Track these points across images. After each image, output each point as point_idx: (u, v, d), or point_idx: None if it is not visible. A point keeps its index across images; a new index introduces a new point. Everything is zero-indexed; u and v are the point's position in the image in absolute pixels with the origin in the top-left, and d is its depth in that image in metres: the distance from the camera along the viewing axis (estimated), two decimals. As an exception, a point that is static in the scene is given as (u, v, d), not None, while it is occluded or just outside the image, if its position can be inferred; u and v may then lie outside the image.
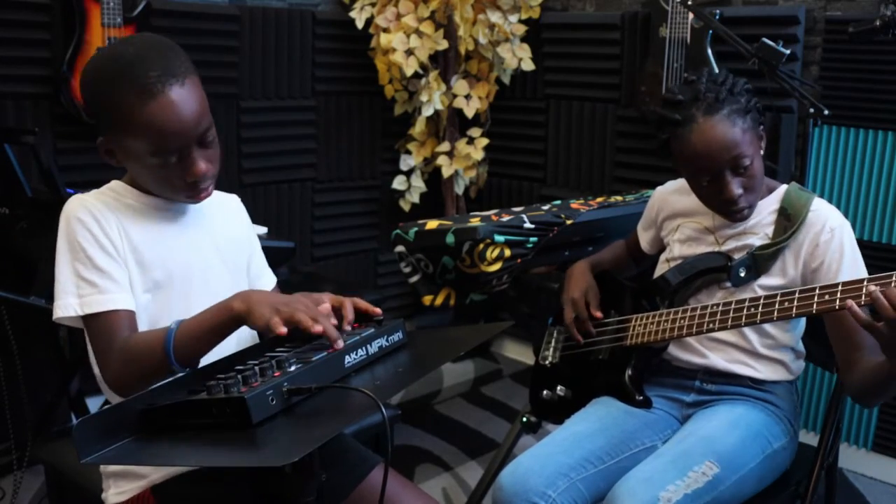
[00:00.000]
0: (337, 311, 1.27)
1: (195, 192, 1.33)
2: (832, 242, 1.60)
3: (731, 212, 1.64)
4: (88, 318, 1.26)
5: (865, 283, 1.35)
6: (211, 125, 1.31)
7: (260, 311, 1.17)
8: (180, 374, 1.18)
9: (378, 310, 1.30)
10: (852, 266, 1.59)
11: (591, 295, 1.86)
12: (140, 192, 1.36)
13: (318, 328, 1.15)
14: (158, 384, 1.16)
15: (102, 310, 1.25)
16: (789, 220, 1.64)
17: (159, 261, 1.33)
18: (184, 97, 1.25)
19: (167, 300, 1.34)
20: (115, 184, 1.38)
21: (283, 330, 1.14)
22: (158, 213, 1.37)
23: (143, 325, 1.32)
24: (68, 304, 1.26)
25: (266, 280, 1.55)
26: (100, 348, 1.26)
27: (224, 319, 1.20)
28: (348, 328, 1.26)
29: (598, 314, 1.83)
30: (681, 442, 1.60)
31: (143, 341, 1.24)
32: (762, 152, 1.64)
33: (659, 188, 1.91)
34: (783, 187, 1.71)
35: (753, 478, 1.58)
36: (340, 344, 1.18)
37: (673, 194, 1.85)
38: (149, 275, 1.32)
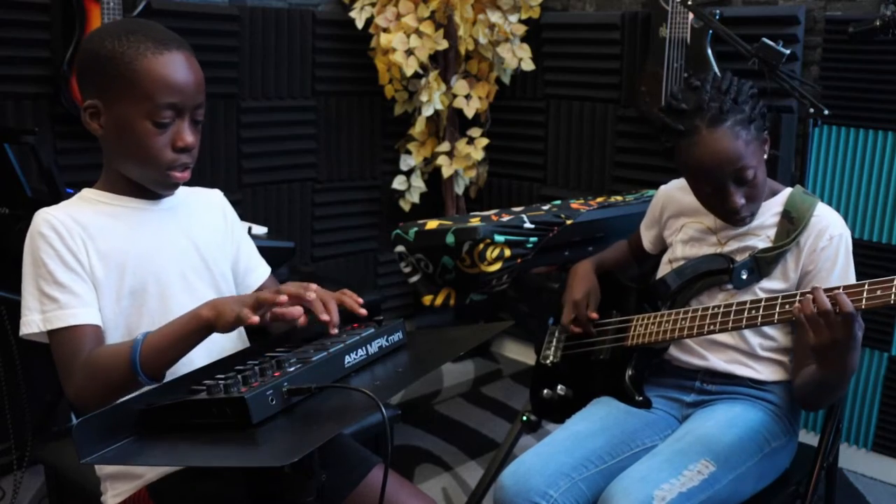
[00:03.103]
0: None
1: (176, 168, 1.31)
2: (828, 250, 1.61)
3: (733, 220, 1.65)
4: (52, 334, 1.25)
5: (866, 286, 1.36)
6: (204, 105, 1.33)
7: (229, 309, 1.16)
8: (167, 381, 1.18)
9: (363, 311, 1.28)
10: (842, 277, 1.60)
11: (593, 297, 1.87)
12: (113, 194, 1.35)
13: (282, 298, 1.15)
14: (157, 385, 1.16)
15: (64, 325, 1.24)
16: (792, 224, 1.64)
17: (133, 266, 1.31)
18: (192, 62, 1.31)
19: (145, 306, 1.32)
20: (85, 191, 1.36)
21: (255, 318, 1.13)
22: (133, 215, 1.35)
23: (120, 333, 1.30)
24: (32, 320, 1.25)
25: (259, 273, 1.53)
26: (63, 363, 1.24)
27: (193, 328, 1.19)
28: (335, 331, 1.25)
29: (594, 315, 1.84)
30: (678, 441, 1.61)
31: (108, 354, 1.23)
32: (766, 156, 1.64)
33: (663, 187, 1.91)
34: (787, 190, 1.71)
35: (751, 477, 1.58)
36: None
37: (678, 192, 1.85)
38: (123, 282, 1.30)
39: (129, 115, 1.27)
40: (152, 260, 1.34)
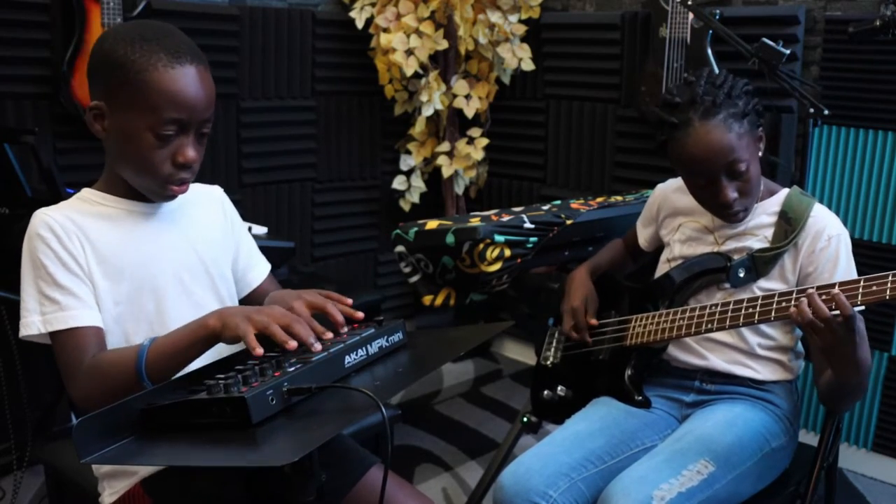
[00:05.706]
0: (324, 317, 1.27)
1: (174, 182, 1.30)
2: (828, 250, 1.61)
3: (727, 214, 1.65)
4: (54, 336, 1.25)
5: (862, 282, 1.36)
6: (212, 120, 1.31)
7: (233, 323, 1.16)
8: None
9: (360, 314, 1.29)
10: (844, 276, 1.59)
11: (590, 303, 1.87)
12: (112, 196, 1.34)
13: (292, 344, 1.14)
14: (158, 385, 1.16)
15: (65, 327, 1.24)
16: (790, 225, 1.64)
17: (130, 271, 1.31)
18: (205, 78, 1.29)
19: (141, 311, 1.32)
20: (84, 192, 1.35)
21: (259, 350, 1.13)
22: (131, 218, 1.34)
23: (117, 338, 1.30)
24: (32, 321, 1.25)
25: (259, 271, 1.52)
26: (66, 365, 1.24)
27: (199, 337, 1.19)
28: (344, 330, 1.26)
29: (594, 321, 1.85)
30: (677, 441, 1.61)
31: (113, 359, 1.23)
32: (761, 154, 1.64)
33: (660, 185, 1.91)
34: (784, 191, 1.71)
35: (751, 477, 1.58)
36: (318, 347, 1.17)
37: (674, 192, 1.85)
38: (119, 287, 1.30)
39: (132, 124, 1.25)
40: (149, 265, 1.33)
